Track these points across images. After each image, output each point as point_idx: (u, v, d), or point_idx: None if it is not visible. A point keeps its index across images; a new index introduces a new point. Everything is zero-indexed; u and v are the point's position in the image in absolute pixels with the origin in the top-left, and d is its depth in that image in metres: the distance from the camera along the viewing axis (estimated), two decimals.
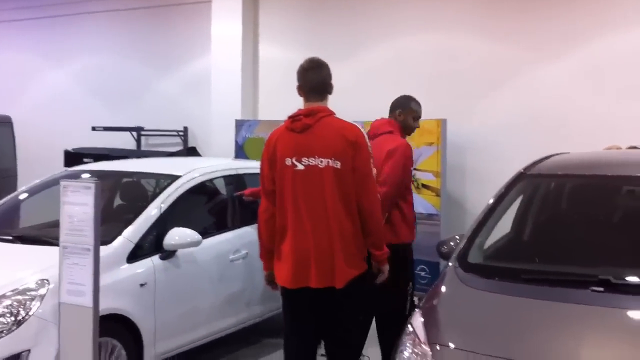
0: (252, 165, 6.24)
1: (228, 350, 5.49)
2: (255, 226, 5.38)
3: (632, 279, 3.05)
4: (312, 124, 3.56)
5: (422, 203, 7.50)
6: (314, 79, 3.67)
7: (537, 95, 7.36)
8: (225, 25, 9.09)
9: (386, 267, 3.85)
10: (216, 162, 6.02)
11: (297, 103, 3.79)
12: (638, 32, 6.81)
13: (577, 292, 3.02)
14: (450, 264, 3.52)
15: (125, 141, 9.81)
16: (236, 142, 8.54)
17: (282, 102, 9.22)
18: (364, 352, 4.95)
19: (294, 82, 3.81)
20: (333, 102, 3.89)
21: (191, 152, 9.07)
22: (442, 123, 7.39)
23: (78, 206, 3.62)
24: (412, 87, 7.92)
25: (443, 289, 3.34)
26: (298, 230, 3.56)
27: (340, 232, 3.54)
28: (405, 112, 4.71)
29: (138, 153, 9.10)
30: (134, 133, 9.81)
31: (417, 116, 4.78)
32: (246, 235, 5.34)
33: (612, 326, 2.81)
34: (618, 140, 5.60)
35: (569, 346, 2.69)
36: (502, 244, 3.97)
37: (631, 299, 2.93)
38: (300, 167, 3.55)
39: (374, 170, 3.69)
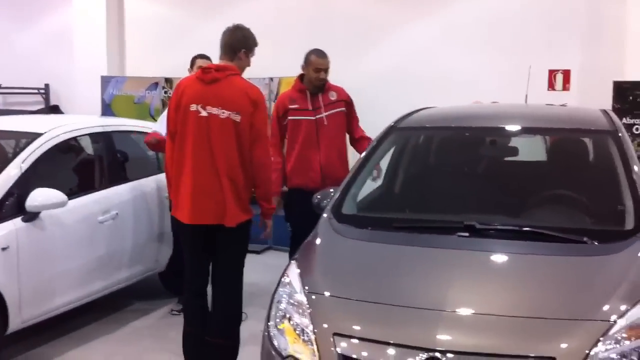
0: (121, 123, 6.03)
1: (98, 315, 5.31)
2: (127, 185, 5.29)
3: (494, 224, 3.21)
4: (220, 78, 3.90)
5: None
6: (226, 40, 4.05)
7: (410, 53, 7.57)
8: None
9: (270, 222, 4.24)
10: (82, 120, 5.70)
11: (168, 60, 3.95)
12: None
13: (445, 237, 3.14)
14: (325, 215, 3.56)
15: None
16: (103, 99, 8.17)
17: (151, 58, 9.03)
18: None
19: (163, 38, 3.94)
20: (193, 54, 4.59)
21: (54, 110, 8.61)
22: None
23: None
24: (286, 45, 7.94)
25: (318, 240, 3.37)
26: (196, 171, 3.88)
27: (233, 177, 3.88)
28: (306, 65, 5.06)
29: None
30: None
31: (316, 68, 5.00)
32: (116, 196, 5.14)
33: (477, 268, 2.96)
34: (484, 95, 5.89)
35: (437, 288, 2.80)
36: (375, 195, 4.07)
37: (494, 242, 3.10)
38: (204, 113, 3.87)
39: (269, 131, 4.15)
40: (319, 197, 3.94)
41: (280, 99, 5.23)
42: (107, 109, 8.12)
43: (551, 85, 7.09)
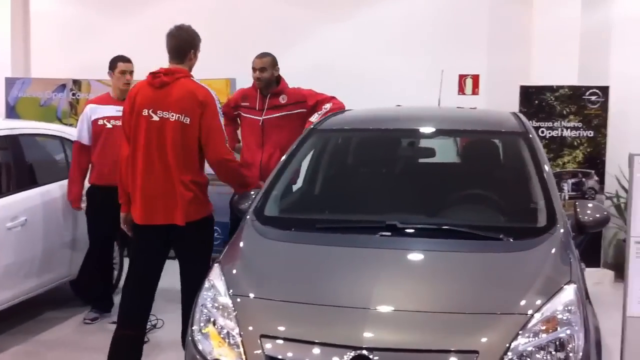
0: (27, 126, 5.76)
1: (5, 326, 5.02)
2: (35, 190, 5.07)
3: (415, 223, 3.29)
4: (169, 82, 3.94)
5: None
6: (173, 43, 4.05)
7: (326, 55, 7.64)
8: None
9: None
10: None
11: (76, 60, 3.88)
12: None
13: (367, 237, 3.19)
14: (247, 217, 3.54)
15: None
16: (7, 102, 7.81)
17: (57, 59, 8.69)
18: (158, 315, 4.88)
19: (70, 38, 3.88)
20: (102, 55, 4.49)
21: None
22: (231, 83, 7.38)
23: None
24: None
25: (241, 242, 3.34)
26: (147, 173, 3.93)
27: (182, 177, 3.92)
28: None
29: None
30: None
31: (253, 67, 5.24)
32: (24, 201, 4.91)
33: (399, 266, 3.02)
34: (397, 98, 6.04)
35: (361, 287, 2.83)
36: (297, 197, 4.08)
37: (415, 240, 3.17)
38: (155, 118, 3.92)
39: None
40: (237, 199, 3.92)
41: (238, 92, 5.52)
42: (12, 112, 7.76)
43: (461, 90, 7.32)
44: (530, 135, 3.83)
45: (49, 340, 4.92)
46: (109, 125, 5.14)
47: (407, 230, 3.21)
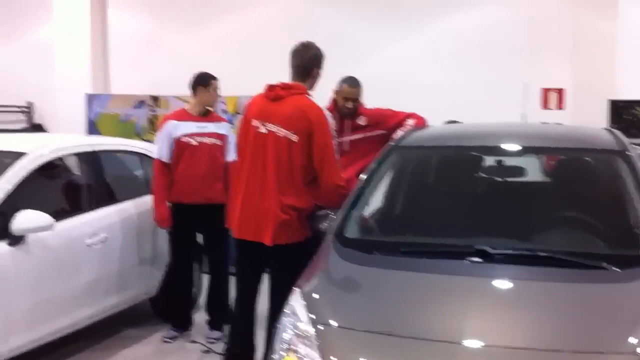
0: (109, 142, 5.85)
1: (84, 343, 5.03)
2: (115, 207, 5.10)
3: (507, 248, 3.09)
4: (284, 96, 3.87)
5: None
6: (299, 62, 3.97)
7: (398, 70, 7.50)
8: None
9: None
10: (68, 139, 5.52)
11: (154, 77, 3.88)
12: (476, 12, 7.16)
13: (455, 263, 3.02)
14: (328, 239, 3.42)
15: None
16: (88, 118, 7.98)
17: (136, 75, 8.86)
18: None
19: (149, 54, 3.85)
20: (178, 71, 3.91)
21: (37, 129, 8.39)
22: None
23: None
24: (266, 59, 7.82)
25: (322, 265, 3.23)
26: (250, 186, 3.89)
27: (280, 197, 3.80)
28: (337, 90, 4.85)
29: None
30: None
31: (345, 97, 4.81)
32: (105, 217, 4.95)
33: (491, 296, 2.84)
34: (458, 109, 5.86)
35: (450, 318, 2.67)
36: (378, 217, 3.93)
37: (507, 268, 2.97)
38: (262, 130, 3.87)
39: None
40: (315, 218, 3.81)
41: None
42: (93, 128, 7.93)
43: (545, 104, 7.03)
44: (629, 153, 3.57)
45: (128, 359, 4.92)
46: (193, 143, 5.03)
47: (498, 257, 3.02)
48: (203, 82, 5.22)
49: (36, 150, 4.60)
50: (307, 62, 3.97)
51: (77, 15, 8.45)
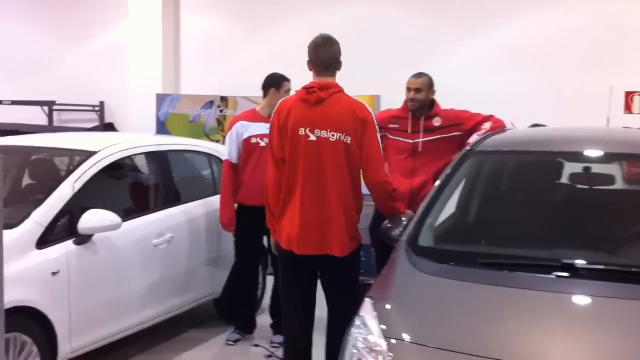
0: (176, 142, 5.83)
1: (146, 344, 5.00)
2: (182, 207, 5.06)
3: (598, 263, 2.85)
4: (325, 97, 3.67)
5: None
6: (326, 55, 3.76)
7: (466, 71, 7.23)
8: None
9: None
10: (136, 138, 5.51)
11: (223, 78, 3.78)
12: (556, 12, 6.82)
13: (540, 278, 2.80)
14: (400, 247, 3.24)
15: (34, 116, 9.09)
16: (157, 117, 8.03)
17: (206, 76, 8.87)
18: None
19: (219, 55, 3.76)
20: (248, 72, 3.82)
21: (108, 128, 8.50)
22: (375, 99, 7.15)
23: None
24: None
25: (395, 275, 3.06)
26: (306, 197, 3.66)
27: (345, 203, 3.69)
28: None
29: (51, 129, 8.40)
30: (45, 108, 9.10)
31: (407, 87, 4.73)
32: (171, 218, 4.91)
33: (581, 316, 2.61)
34: (538, 113, 5.57)
35: (535, 339, 2.45)
36: (453, 224, 3.72)
37: (599, 285, 2.72)
38: (312, 137, 3.65)
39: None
40: (389, 225, 3.63)
41: (384, 112, 4.94)
42: (162, 127, 7.97)
43: (628, 108, 6.64)
44: None
45: None
46: (262, 144, 4.90)
47: (588, 271, 2.78)
48: (275, 83, 5.11)
49: (105, 150, 4.59)
50: (333, 55, 3.77)
51: (150, 18, 8.52)
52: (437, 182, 3.66)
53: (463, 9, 7.28)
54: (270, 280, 5.32)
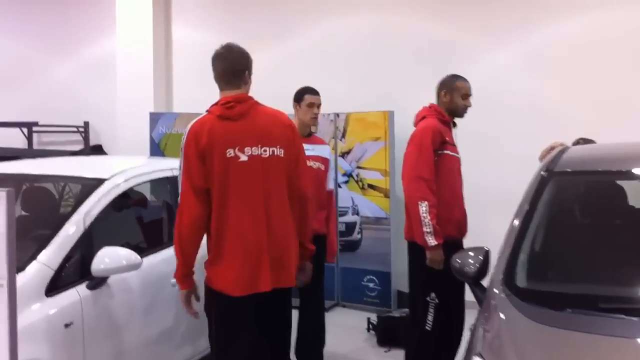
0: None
1: None
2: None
3: None
4: (246, 111, 3.27)
5: (368, 206, 6.79)
6: (227, 66, 3.35)
7: (487, 84, 6.76)
8: (132, 2, 7.95)
9: (311, 266, 3.71)
10: (142, 162, 4.93)
11: (218, 93, 3.38)
12: (586, 19, 6.39)
13: None
14: (494, 289, 2.73)
15: (11, 138, 8.40)
16: (151, 138, 7.42)
17: (201, 92, 8.24)
18: None
19: (210, 72, 3.40)
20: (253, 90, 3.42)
21: (96, 151, 7.86)
22: (389, 115, 6.68)
23: None
24: (349, 76, 7.22)
25: (502, 325, 2.53)
26: (247, 227, 3.20)
27: (289, 225, 3.34)
28: (451, 91, 4.26)
29: (33, 152, 7.72)
30: (24, 129, 8.41)
31: (465, 93, 4.30)
32: None
33: None
34: (571, 127, 5.14)
35: None
36: (549, 258, 3.17)
37: None
38: (243, 158, 3.22)
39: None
40: (459, 261, 3.11)
41: (430, 124, 4.13)
42: (156, 149, 7.36)
43: None
44: None
45: None
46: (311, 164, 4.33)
47: None
48: (296, 97, 4.63)
49: (115, 177, 4.00)
50: (237, 64, 3.36)
51: (140, 32, 7.95)
52: (521, 209, 3.15)
53: (480, 17, 6.82)
54: (295, 314, 4.78)
